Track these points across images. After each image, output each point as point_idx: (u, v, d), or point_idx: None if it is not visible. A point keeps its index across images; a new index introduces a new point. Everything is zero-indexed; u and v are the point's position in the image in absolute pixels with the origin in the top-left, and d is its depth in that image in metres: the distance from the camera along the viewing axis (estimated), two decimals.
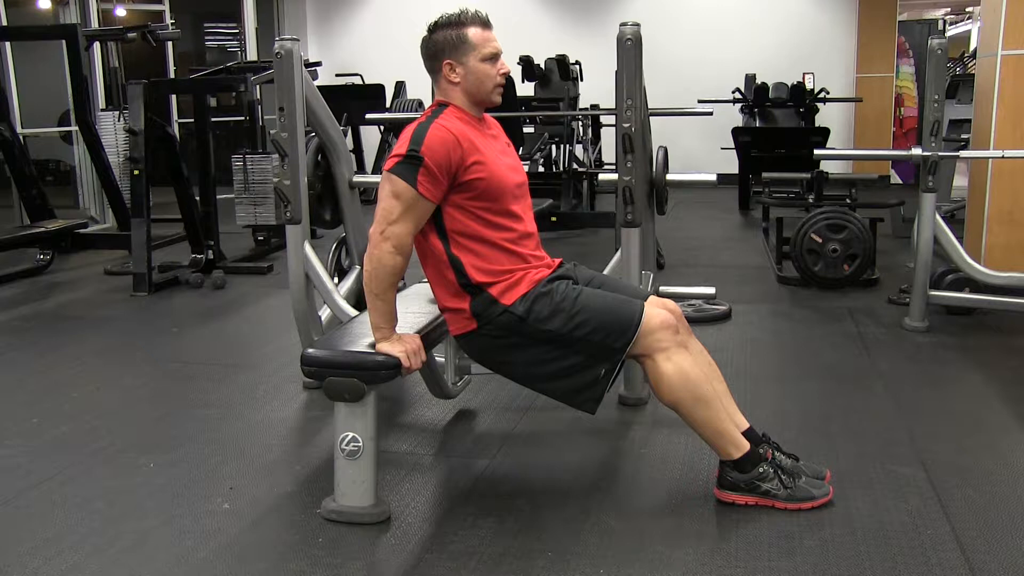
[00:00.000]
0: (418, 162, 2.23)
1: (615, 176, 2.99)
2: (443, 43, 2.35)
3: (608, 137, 7.52)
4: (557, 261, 2.51)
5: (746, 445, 2.36)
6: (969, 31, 13.81)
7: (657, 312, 2.34)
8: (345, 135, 3.89)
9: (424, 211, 2.27)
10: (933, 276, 4.17)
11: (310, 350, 2.38)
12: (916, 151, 4.00)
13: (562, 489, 2.53)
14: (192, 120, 6.34)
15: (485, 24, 2.38)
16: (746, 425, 2.44)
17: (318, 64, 8.56)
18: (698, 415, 2.33)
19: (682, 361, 2.31)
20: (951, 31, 13.53)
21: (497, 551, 2.18)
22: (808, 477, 2.40)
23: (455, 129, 2.28)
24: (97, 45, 7.39)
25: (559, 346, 2.32)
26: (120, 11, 8.98)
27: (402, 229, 2.24)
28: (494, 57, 2.37)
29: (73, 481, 2.64)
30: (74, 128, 7.03)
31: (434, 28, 2.38)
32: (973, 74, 5.92)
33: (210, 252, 5.71)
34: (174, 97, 8.67)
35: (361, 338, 2.38)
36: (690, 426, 2.38)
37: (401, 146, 2.27)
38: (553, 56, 7.76)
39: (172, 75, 8.92)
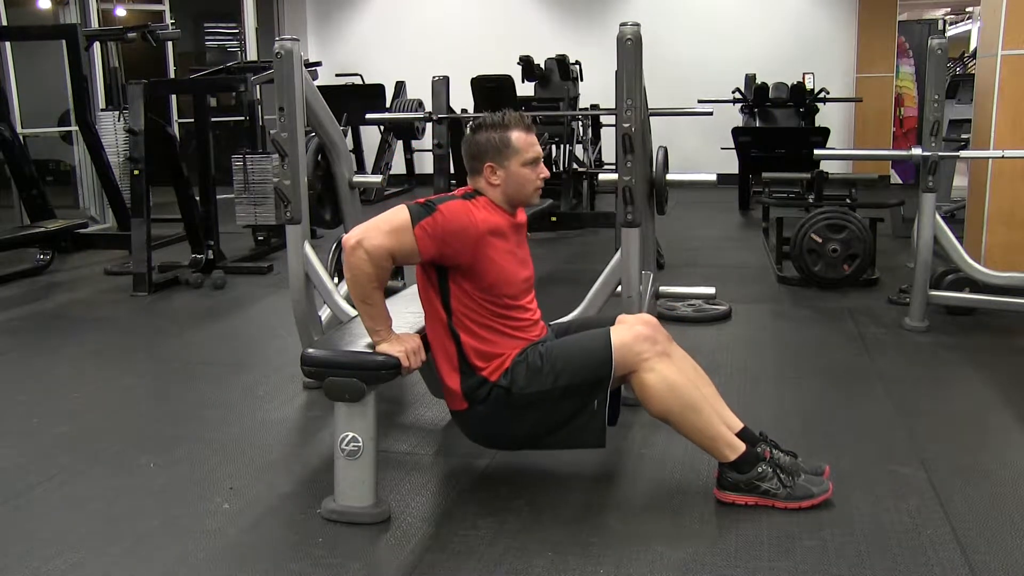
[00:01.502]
0: (430, 211, 2.25)
1: (615, 176, 2.98)
2: (486, 146, 2.36)
3: (608, 137, 7.52)
4: (545, 332, 2.52)
5: (741, 446, 2.36)
6: (969, 31, 13.81)
7: (628, 329, 2.37)
8: (345, 135, 3.89)
9: (407, 247, 2.24)
10: (933, 276, 4.17)
11: (310, 350, 2.38)
12: (916, 151, 4.00)
13: (562, 489, 2.53)
14: (192, 120, 6.34)
15: (528, 128, 2.40)
16: (740, 425, 2.45)
17: (318, 64, 8.57)
18: (688, 422, 2.34)
19: (664, 369, 2.32)
20: (951, 31, 13.52)
21: (497, 551, 2.18)
22: (807, 474, 2.40)
23: (480, 219, 2.30)
24: (97, 45, 7.39)
25: (548, 403, 2.35)
26: (120, 11, 8.98)
27: (380, 241, 2.22)
28: (536, 161, 2.40)
29: (73, 481, 2.64)
30: (74, 128, 7.03)
31: (477, 128, 2.39)
32: (973, 74, 5.92)
33: (210, 252, 5.71)
34: (174, 97, 8.67)
35: (361, 338, 2.38)
36: (682, 433, 2.39)
37: (424, 198, 2.30)
38: (553, 56, 7.75)
39: (172, 75, 8.91)
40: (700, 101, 7.49)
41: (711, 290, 3.58)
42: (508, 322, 2.38)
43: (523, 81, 7.54)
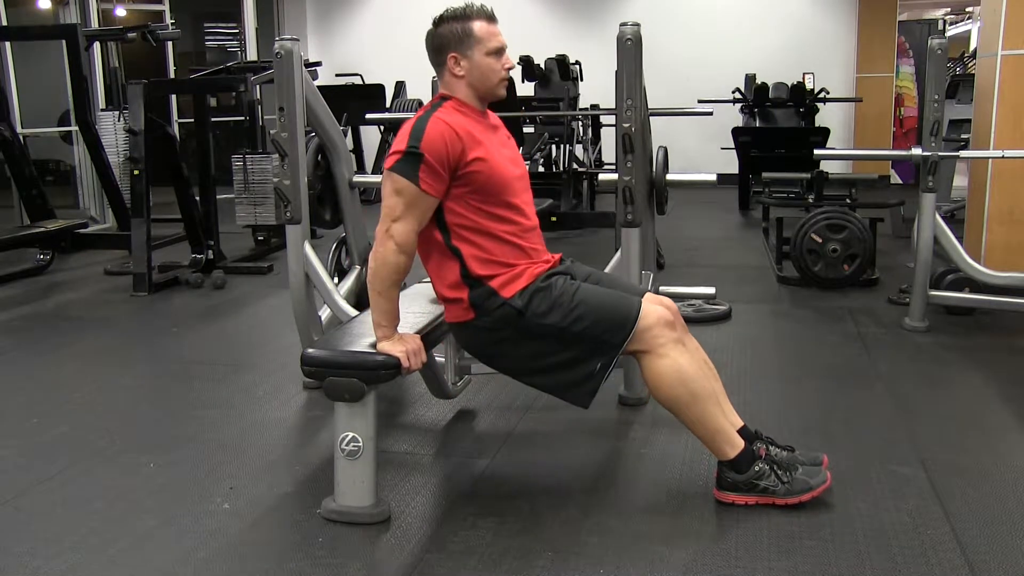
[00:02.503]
0: (418, 158, 2.23)
1: (615, 176, 2.98)
2: (448, 36, 2.35)
3: (608, 137, 7.52)
4: (557, 256, 2.51)
5: (741, 443, 2.36)
6: (969, 31, 13.81)
7: (655, 308, 2.34)
8: (345, 135, 3.89)
9: (428, 207, 2.27)
10: (933, 276, 4.17)
11: (310, 350, 2.38)
12: (916, 151, 4.00)
13: (562, 489, 2.53)
14: (192, 120, 6.34)
15: (491, 18, 2.38)
16: (741, 423, 2.44)
17: (318, 64, 8.56)
18: (694, 413, 2.33)
19: (679, 358, 2.31)
20: (951, 31, 13.53)
21: (497, 551, 2.18)
22: (805, 466, 2.40)
23: (454, 122, 2.28)
24: (97, 45, 7.39)
25: (556, 340, 2.32)
26: (120, 11, 8.98)
27: (406, 227, 2.24)
28: (499, 51, 2.37)
29: (73, 481, 2.64)
30: (74, 128, 7.03)
31: (439, 21, 2.37)
32: (973, 74, 5.92)
33: (210, 252, 5.71)
34: (174, 97, 8.67)
35: (361, 338, 2.38)
36: (685, 424, 2.37)
37: (400, 142, 2.27)
38: (553, 56, 7.76)
39: (172, 75, 8.92)
40: (700, 101, 7.49)
41: (711, 290, 3.59)
42: (506, 227, 2.35)
43: (523, 81, 7.55)
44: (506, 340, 2.36)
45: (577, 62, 8.09)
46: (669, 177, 3.20)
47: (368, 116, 6.21)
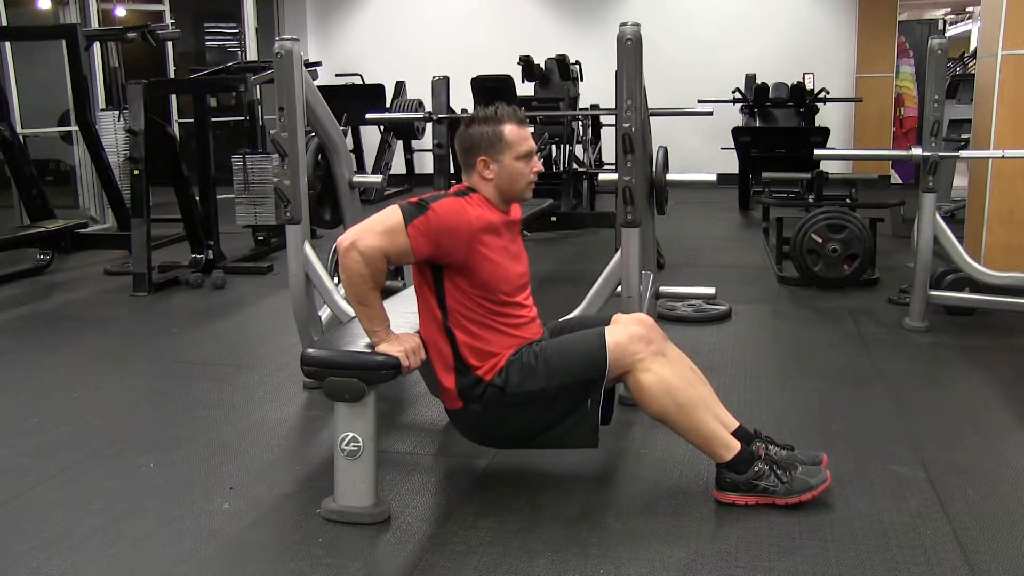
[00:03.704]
0: (423, 210, 2.24)
1: (615, 176, 2.98)
2: (479, 139, 2.36)
3: (608, 137, 7.52)
4: (540, 332, 2.52)
5: (737, 445, 2.37)
6: (969, 31, 13.82)
7: (623, 329, 2.36)
8: (345, 135, 3.89)
9: (401, 248, 2.24)
10: (933, 276, 4.17)
11: (310, 350, 2.38)
12: (916, 151, 4.00)
13: (562, 489, 2.53)
14: (192, 120, 6.34)
15: (521, 122, 2.39)
16: (735, 424, 2.45)
17: (318, 64, 8.57)
18: (684, 422, 2.34)
19: (660, 369, 2.32)
20: (951, 31, 13.53)
21: (497, 551, 2.18)
22: (804, 465, 2.40)
23: (475, 216, 2.30)
24: (97, 45, 7.39)
25: (542, 402, 2.34)
26: (120, 11, 8.97)
27: (373, 242, 2.22)
28: (528, 155, 2.39)
29: (73, 481, 2.64)
30: (74, 128, 7.03)
31: (470, 122, 2.39)
32: (973, 74, 5.92)
33: (210, 252, 5.71)
34: (174, 97, 8.67)
35: (361, 338, 2.38)
36: (678, 433, 2.39)
37: (417, 197, 2.30)
38: (553, 56, 7.76)
39: (172, 75, 8.92)
40: (700, 101, 7.49)
41: (711, 290, 3.58)
42: (504, 319, 2.37)
43: (523, 81, 7.54)
44: (498, 419, 2.38)
45: (577, 62, 8.09)
46: (669, 177, 3.20)
47: (368, 116, 6.22)
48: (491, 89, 6.71)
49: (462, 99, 6.74)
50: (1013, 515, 2.34)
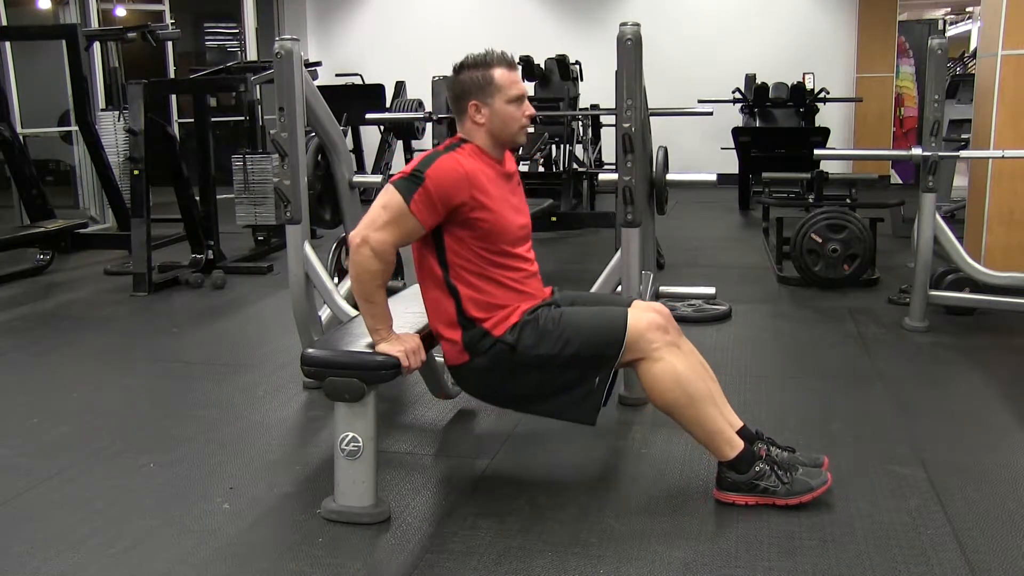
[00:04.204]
0: (419, 182, 2.23)
1: (615, 176, 2.98)
2: (469, 84, 2.35)
3: (608, 137, 7.51)
4: (548, 291, 2.52)
5: (740, 444, 2.36)
6: (969, 31, 13.81)
7: (643, 315, 2.35)
8: (345, 135, 3.89)
9: (411, 229, 2.25)
10: (933, 276, 4.17)
11: (310, 350, 2.38)
12: (916, 151, 4.00)
13: (562, 489, 2.53)
14: (192, 120, 6.34)
15: (511, 65, 2.38)
16: (740, 424, 2.45)
17: (318, 64, 8.56)
18: (692, 415, 2.34)
19: (674, 360, 2.32)
20: (951, 31, 13.53)
21: (497, 551, 2.18)
22: (805, 467, 2.41)
23: (468, 166, 2.29)
24: (97, 45, 7.39)
25: (552, 368, 2.33)
26: (120, 11, 8.97)
27: (384, 237, 2.22)
28: (520, 99, 2.38)
29: (73, 481, 2.64)
30: (74, 128, 7.03)
31: (460, 68, 2.38)
32: (973, 74, 5.92)
33: (210, 252, 5.71)
34: (174, 97, 8.67)
35: (361, 338, 2.38)
36: (684, 427, 2.38)
37: (410, 165, 2.29)
38: (553, 56, 7.76)
39: (172, 75, 8.91)
40: (700, 101, 7.49)
41: (711, 290, 3.58)
42: (506, 272, 2.36)
43: (523, 81, 7.54)
44: (503, 377, 2.37)
45: (577, 62, 8.09)
46: (669, 177, 3.20)
47: (368, 116, 6.21)
48: None
49: None
50: (1013, 515, 2.34)
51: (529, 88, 7.87)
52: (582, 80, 8.12)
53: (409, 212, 2.22)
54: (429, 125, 5.89)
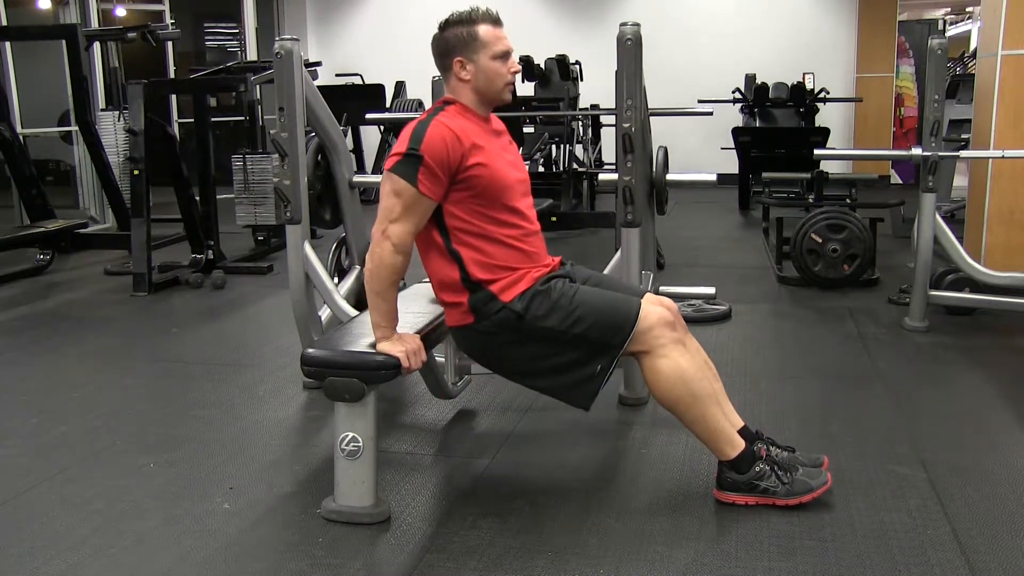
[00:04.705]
0: (418, 160, 2.22)
1: (615, 176, 2.98)
2: (454, 40, 2.35)
3: (608, 137, 7.52)
4: (558, 260, 2.51)
5: (742, 443, 2.36)
6: (969, 31, 13.81)
7: (654, 309, 2.34)
8: (345, 135, 3.89)
9: (426, 209, 2.27)
10: (933, 276, 4.17)
11: (310, 350, 2.38)
12: (916, 151, 4.00)
13: (562, 489, 2.53)
14: (192, 120, 6.34)
15: (496, 22, 2.38)
16: (740, 424, 2.45)
17: (318, 64, 8.56)
18: (694, 413, 2.33)
19: (679, 358, 2.31)
20: (951, 31, 13.53)
21: (497, 551, 2.18)
22: (805, 467, 2.40)
23: (456, 127, 2.28)
24: (97, 45, 7.38)
25: (556, 343, 2.32)
26: (120, 11, 8.98)
27: (403, 228, 2.24)
28: (505, 55, 2.37)
29: (73, 481, 2.64)
30: (74, 128, 7.03)
31: (445, 25, 2.37)
32: (973, 74, 5.92)
33: (210, 252, 5.71)
34: (174, 97, 8.67)
35: (361, 338, 2.38)
36: (686, 424, 2.38)
37: (401, 144, 2.27)
38: (553, 56, 7.76)
39: (172, 75, 8.91)
40: (700, 101, 7.50)
41: (711, 290, 3.59)
42: (508, 231, 2.35)
43: (523, 81, 7.55)
44: (506, 343, 2.36)
45: (577, 62, 8.09)
46: (669, 177, 3.20)
47: (368, 116, 6.21)
48: None
49: None
50: (1013, 515, 2.34)
51: (529, 88, 7.88)
52: (582, 80, 8.13)
53: (420, 194, 2.23)
54: None
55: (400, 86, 10.04)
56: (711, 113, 5.07)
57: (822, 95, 8.13)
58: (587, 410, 2.39)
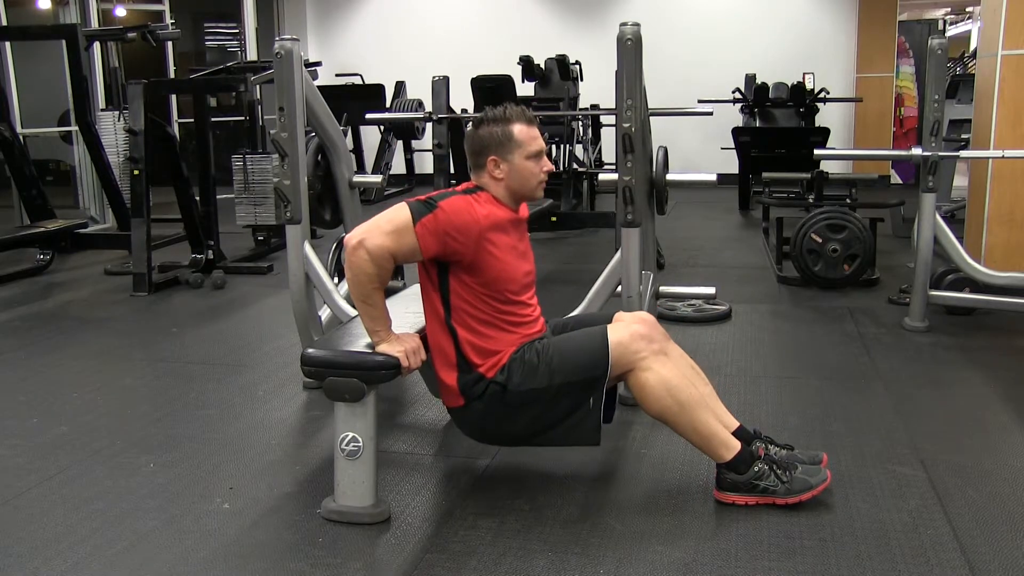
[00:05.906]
0: (431, 208, 2.25)
1: (615, 176, 2.98)
2: (488, 139, 2.36)
3: (608, 137, 7.52)
4: (543, 330, 2.52)
5: (737, 445, 2.37)
6: (969, 31, 13.81)
7: (625, 328, 2.37)
8: (345, 135, 3.89)
9: (409, 247, 2.25)
10: (933, 276, 4.17)
11: (310, 350, 2.38)
12: (916, 151, 4.00)
13: (562, 489, 2.53)
14: (192, 120, 6.34)
15: (530, 121, 2.40)
16: (736, 424, 2.45)
17: (318, 64, 8.56)
18: (685, 421, 2.34)
19: (661, 368, 2.32)
20: (951, 31, 13.53)
21: (497, 551, 2.18)
22: (804, 465, 2.41)
23: (483, 214, 2.30)
24: (97, 45, 7.38)
25: (545, 401, 2.34)
26: (120, 11, 8.97)
27: (382, 241, 2.22)
28: (539, 154, 2.39)
29: (73, 481, 2.64)
30: (74, 128, 7.03)
31: (479, 123, 2.39)
32: (973, 74, 5.92)
33: (210, 252, 5.71)
34: (174, 97, 8.67)
35: (361, 338, 2.38)
36: (678, 433, 2.39)
37: (427, 195, 2.30)
38: (553, 56, 7.76)
39: (172, 75, 8.91)
40: (700, 101, 7.49)
41: (711, 290, 3.58)
42: (509, 317, 2.37)
43: (523, 81, 7.54)
44: (500, 418, 2.39)
45: (577, 62, 8.09)
46: (669, 177, 3.20)
47: (368, 116, 6.21)
48: (491, 89, 6.71)
49: (462, 99, 6.74)
50: (1013, 515, 2.34)
51: (529, 88, 7.88)
52: (582, 80, 8.12)
53: (412, 230, 2.23)
54: (429, 125, 5.89)
55: (400, 86, 10.04)
56: (711, 113, 5.08)
57: (822, 95, 8.12)
58: (597, 444, 2.41)
